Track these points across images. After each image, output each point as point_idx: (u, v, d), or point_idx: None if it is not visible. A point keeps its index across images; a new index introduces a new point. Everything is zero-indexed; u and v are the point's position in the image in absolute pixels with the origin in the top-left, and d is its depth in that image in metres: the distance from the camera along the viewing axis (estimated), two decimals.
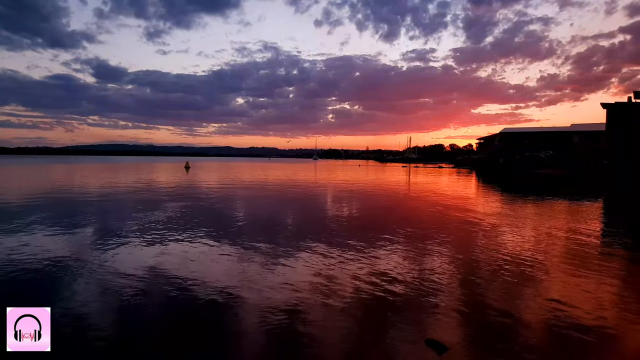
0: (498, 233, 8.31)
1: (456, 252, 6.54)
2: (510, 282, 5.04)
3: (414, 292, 4.62)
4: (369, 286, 4.80)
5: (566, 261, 6.10)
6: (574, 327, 3.68)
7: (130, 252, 6.31)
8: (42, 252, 6.18)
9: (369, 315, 3.96)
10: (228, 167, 55.49)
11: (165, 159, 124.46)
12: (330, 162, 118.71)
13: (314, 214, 11.25)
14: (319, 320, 3.85)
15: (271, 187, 20.46)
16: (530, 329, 3.65)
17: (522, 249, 6.80)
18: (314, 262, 5.87)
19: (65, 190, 16.71)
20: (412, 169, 56.64)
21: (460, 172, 47.39)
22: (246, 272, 5.31)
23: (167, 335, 3.55)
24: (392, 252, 6.54)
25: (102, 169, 39.27)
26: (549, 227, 9.07)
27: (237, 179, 27.40)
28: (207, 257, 6.06)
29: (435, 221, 10.03)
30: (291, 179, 27.72)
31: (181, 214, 10.39)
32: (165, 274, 5.19)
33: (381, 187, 21.43)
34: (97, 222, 9.03)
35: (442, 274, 5.34)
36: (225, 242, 7.12)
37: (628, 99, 36.95)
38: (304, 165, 73.58)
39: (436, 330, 3.61)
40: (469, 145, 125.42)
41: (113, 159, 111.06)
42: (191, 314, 3.94)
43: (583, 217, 11.03)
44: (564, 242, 7.57)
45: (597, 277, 5.24)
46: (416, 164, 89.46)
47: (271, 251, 6.49)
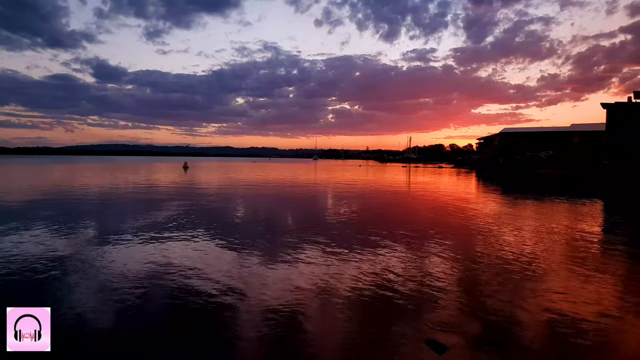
0: (498, 233, 8.31)
1: (456, 252, 6.54)
2: (510, 281, 5.04)
3: (414, 291, 4.62)
4: (369, 285, 4.80)
5: (566, 261, 6.10)
6: (574, 327, 3.68)
7: (130, 251, 6.31)
8: (42, 251, 6.18)
9: (369, 315, 3.96)
10: (227, 167, 55.49)
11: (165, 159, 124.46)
12: (330, 162, 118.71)
13: (315, 214, 11.25)
14: (318, 319, 3.85)
15: (271, 188, 20.46)
16: (531, 329, 3.65)
17: (522, 249, 6.80)
18: (314, 261, 5.87)
19: (65, 190, 16.71)
20: (412, 169, 56.64)
21: (460, 172, 47.39)
22: (246, 272, 5.31)
23: (167, 335, 3.55)
24: (392, 251, 6.54)
25: (102, 169, 39.28)
26: (549, 227, 9.07)
27: (236, 179, 27.40)
28: (207, 257, 6.06)
29: (435, 221, 10.03)
30: (291, 179, 27.71)
31: (178, 213, 10.39)
32: (164, 273, 5.19)
33: (381, 187, 21.43)
34: (96, 222, 9.03)
35: (442, 273, 5.34)
36: (225, 241, 7.12)
37: (628, 99, 37.00)
38: (304, 165, 73.58)
39: (436, 330, 3.61)
40: (469, 145, 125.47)
41: (113, 159, 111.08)
42: (191, 314, 3.94)
43: (583, 217, 11.03)
44: (564, 241, 7.57)
45: (597, 277, 5.24)
46: (416, 164, 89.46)
47: (271, 251, 6.49)
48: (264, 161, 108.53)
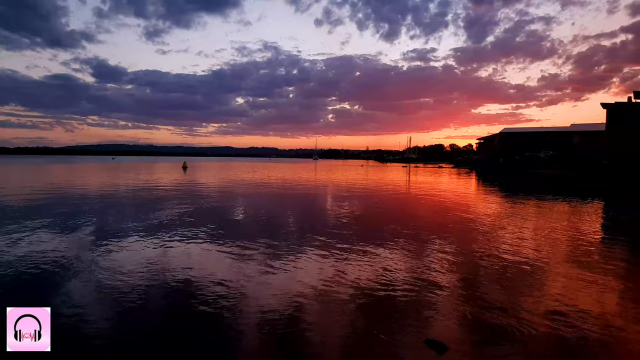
0: (498, 233, 8.31)
1: (456, 252, 6.53)
2: (510, 281, 5.04)
3: (414, 291, 4.62)
4: (369, 285, 4.80)
5: (566, 260, 6.10)
6: (575, 327, 3.68)
7: (130, 251, 6.31)
8: (41, 251, 6.17)
9: (369, 315, 3.96)
10: (227, 167, 55.48)
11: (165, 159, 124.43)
12: (331, 162, 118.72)
13: (315, 214, 11.24)
14: (318, 319, 3.85)
15: (270, 188, 20.46)
16: (531, 329, 3.65)
17: (523, 249, 6.80)
18: (314, 261, 5.87)
19: (65, 190, 16.71)
20: (412, 169, 56.64)
21: (460, 172, 47.40)
22: (246, 271, 5.31)
23: (167, 335, 3.55)
24: (392, 251, 6.54)
25: (101, 169, 39.27)
26: (549, 227, 9.07)
27: (236, 179, 27.39)
28: (208, 257, 6.06)
29: (435, 221, 10.03)
30: (291, 180, 27.71)
31: (178, 213, 10.39)
32: (164, 273, 5.19)
33: (381, 187, 21.42)
34: (97, 222, 9.03)
35: (442, 273, 5.34)
36: (226, 241, 7.12)
37: (628, 99, 37.00)
38: (304, 165, 73.58)
39: (436, 330, 3.61)
40: (469, 145, 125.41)
41: (112, 159, 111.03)
42: (191, 314, 3.94)
43: (583, 217, 11.03)
44: (564, 241, 7.57)
45: (597, 277, 5.24)
46: (416, 164, 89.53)
47: (271, 250, 6.49)
48: (264, 161, 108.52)
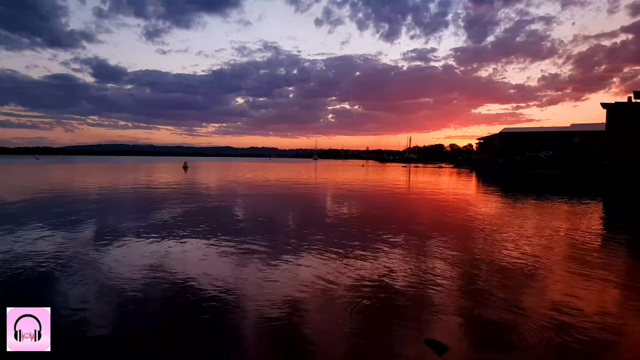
0: (498, 233, 8.31)
1: (456, 252, 6.53)
2: (511, 281, 5.03)
3: (414, 291, 4.62)
4: (369, 285, 4.79)
5: (567, 260, 6.10)
6: (575, 327, 3.68)
7: (130, 251, 6.31)
8: (41, 251, 6.17)
9: (369, 315, 3.95)
10: (227, 167, 55.48)
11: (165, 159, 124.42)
12: (331, 162, 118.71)
13: (315, 214, 11.24)
14: (318, 319, 3.84)
15: (271, 188, 20.45)
16: (531, 329, 3.64)
17: (523, 249, 6.80)
18: (314, 261, 5.87)
19: (65, 190, 16.70)
20: (412, 169, 56.63)
21: (460, 172, 47.38)
22: (246, 272, 5.31)
23: (167, 335, 3.55)
24: (392, 251, 6.54)
25: (101, 169, 39.26)
26: (549, 227, 9.06)
27: (236, 179, 27.39)
28: (208, 256, 6.06)
29: (435, 221, 10.02)
30: (291, 180, 27.70)
31: (178, 213, 10.38)
32: (164, 273, 5.19)
33: (382, 187, 21.42)
34: (97, 221, 9.03)
35: (442, 273, 5.33)
36: (226, 241, 7.11)
37: (628, 99, 36.94)
38: (304, 165, 73.57)
39: (436, 330, 3.61)
40: (469, 145, 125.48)
41: (113, 159, 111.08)
42: (192, 314, 3.94)
43: (583, 217, 11.03)
44: (564, 241, 7.56)
45: (598, 276, 5.23)
46: (416, 164, 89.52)
47: (271, 250, 6.49)
48: (264, 161, 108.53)
